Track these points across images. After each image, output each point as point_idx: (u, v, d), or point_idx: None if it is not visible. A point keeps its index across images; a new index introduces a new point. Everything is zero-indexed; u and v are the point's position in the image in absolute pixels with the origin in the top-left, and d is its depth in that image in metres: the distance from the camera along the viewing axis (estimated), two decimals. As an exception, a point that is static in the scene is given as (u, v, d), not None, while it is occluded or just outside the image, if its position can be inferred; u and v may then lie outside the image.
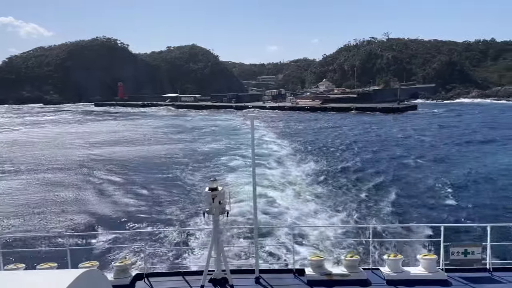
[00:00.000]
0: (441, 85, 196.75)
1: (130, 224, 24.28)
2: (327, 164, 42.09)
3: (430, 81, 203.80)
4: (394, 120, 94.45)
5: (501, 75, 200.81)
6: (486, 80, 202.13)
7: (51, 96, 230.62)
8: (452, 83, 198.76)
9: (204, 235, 20.06)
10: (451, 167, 39.72)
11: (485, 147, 52.34)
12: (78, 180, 37.58)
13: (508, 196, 29.34)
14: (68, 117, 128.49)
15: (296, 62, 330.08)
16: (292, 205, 26.69)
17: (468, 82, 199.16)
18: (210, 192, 9.47)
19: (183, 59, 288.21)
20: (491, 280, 9.90)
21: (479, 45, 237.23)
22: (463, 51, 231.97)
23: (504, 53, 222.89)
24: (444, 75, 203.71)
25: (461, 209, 26.18)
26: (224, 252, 9.80)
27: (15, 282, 4.60)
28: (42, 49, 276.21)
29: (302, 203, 27.55)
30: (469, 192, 30.50)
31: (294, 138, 63.60)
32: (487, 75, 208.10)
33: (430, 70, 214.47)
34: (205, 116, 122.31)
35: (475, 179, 34.53)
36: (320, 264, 10.16)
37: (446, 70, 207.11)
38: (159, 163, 44.94)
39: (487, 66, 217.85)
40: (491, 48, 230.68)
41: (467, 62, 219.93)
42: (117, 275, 10.21)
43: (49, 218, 26.09)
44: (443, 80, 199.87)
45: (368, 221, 22.99)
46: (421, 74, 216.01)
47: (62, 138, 71.94)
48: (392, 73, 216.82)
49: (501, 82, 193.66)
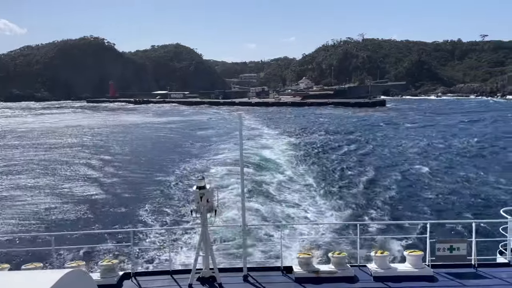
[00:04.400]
0: (411, 83, 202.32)
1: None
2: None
3: (401, 79, 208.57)
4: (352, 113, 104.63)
5: (465, 73, 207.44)
6: (452, 78, 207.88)
7: (41, 93, 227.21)
8: (421, 80, 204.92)
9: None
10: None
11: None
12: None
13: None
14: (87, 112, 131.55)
15: (276, 60, 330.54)
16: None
17: (435, 79, 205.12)
18: (198, 190, 9.06)
19: (167, 58, 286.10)
20: (476, 276, 9.67)
21: (447, 45, 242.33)
22: (432, 51, 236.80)
23: (469, 53, 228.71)
24: (414, 73, 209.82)
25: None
26: (212, 250, 9.42)
27: (0, 282, 4.43)
28: (30, 48, 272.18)
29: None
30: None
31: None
32: (453, 73, 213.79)
33: (402, 68, 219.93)
34: (199, 110, 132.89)
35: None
36: (308, 261, 9.78)
37: (416, 69, 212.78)
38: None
39: (453, 65, 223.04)
40: (458, 48, 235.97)
41: (435, 61, 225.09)
42: (104, 274, 9.68)
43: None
44: (413, 78, 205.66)
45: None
46: (393, 73, 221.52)
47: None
48: (366, 72, 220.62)
49: (465, 79, 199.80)
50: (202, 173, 14.18)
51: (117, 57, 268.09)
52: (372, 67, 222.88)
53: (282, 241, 11.13)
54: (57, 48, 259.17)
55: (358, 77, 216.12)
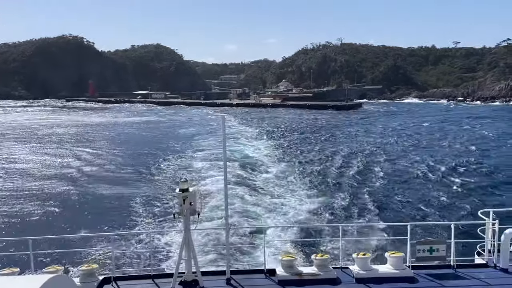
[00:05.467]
0: (387, 87, 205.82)
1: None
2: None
3: (378, 83, 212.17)
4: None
5: (438, 78, 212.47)
6: (425, 82, 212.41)
7: (19, 92, 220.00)
8: (396, 84, 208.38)
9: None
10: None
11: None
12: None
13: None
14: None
15: (257, 63, 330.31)
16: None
17: (410, 84, 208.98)
18: (181, 193, 8.87)
19: (148, 58, 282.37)
20: (455, 277, 9.74)
21: (421, 51, 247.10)
22: (407, 56, 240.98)
23: (443, 59, 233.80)
24: (390, 78, 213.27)
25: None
26: (195, 253, 9.23)
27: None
28: (6, 45, 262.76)
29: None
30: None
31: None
32: (427, 78, 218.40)
33: (378, 73, 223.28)
34: (184, 109, 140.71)
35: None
36: (291, 264, 9.69)
37: (391, 73, 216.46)
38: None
39: (427, 70, 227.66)
40: (432, 54, 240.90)
41: (410, 66, 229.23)
42: (84, 279, 9.38)
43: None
44: (389, 82, 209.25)
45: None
46: (370, 77, 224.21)
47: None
48: (344, 75, 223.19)
49: (437, 84, 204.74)
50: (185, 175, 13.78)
51: (96, 56, 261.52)
52: (350, 71, 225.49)
53: (265, 243, 11.02)
54: (35, 46, 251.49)
55: (336, 80, 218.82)
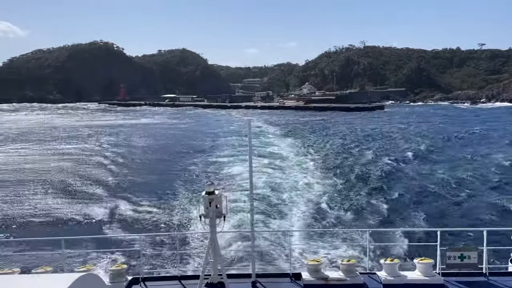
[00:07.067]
0: (410, 89, 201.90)
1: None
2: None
3: (401, 86, 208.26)
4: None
5: (463, 81, 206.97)
6: (449, 84, 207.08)
7: (54, 95, 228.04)
8: (420, 87, 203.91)
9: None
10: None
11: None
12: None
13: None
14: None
15: (280, 66, 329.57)
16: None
17: (433, 86, 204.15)
18: (207, 196, 8.80)
19: (174, 62, 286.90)
20: (488, 285, 9.33)
21: (446, 53, 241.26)
22: (431, 59, 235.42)
23: (467, 61, 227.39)
24: (413, 80, 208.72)
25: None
26: (221, 256, 9.18)
27: (13, 286, 4.38)
28: (41, 52, 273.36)
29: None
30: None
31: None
32: (451, 80, 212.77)
33: (401, 75, 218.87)
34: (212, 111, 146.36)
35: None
36: (317, 268, 9.46)
37: (415, 76, 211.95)
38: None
39: (452, 73, 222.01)
40: (456, 56, 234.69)
41: (434, 69, 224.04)
42: (113, 279, 9.43)
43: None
44: (412, 85, 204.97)
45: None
46: (393, 79, 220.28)
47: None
48: (367, 78, 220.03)
49: (462, 86, 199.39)
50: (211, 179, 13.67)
51: (126, 61, 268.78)
52: (373, 74, 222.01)
53: (291, 247, 10.76)
54: (68, 52, 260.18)
55: (359, 83, 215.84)
